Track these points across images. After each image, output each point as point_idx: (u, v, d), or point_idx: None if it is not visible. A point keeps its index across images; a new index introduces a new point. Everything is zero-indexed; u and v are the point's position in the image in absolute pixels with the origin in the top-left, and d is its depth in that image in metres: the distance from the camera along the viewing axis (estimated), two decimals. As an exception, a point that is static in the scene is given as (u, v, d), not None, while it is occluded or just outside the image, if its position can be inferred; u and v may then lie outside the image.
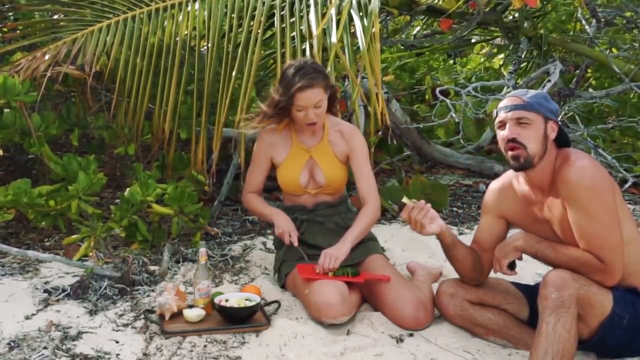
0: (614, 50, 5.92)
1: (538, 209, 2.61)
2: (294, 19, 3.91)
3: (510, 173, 2.73)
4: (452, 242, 2.72)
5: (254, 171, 3.30)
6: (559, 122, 2.56)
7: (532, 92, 2.57)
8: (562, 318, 2.35)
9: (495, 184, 2.78)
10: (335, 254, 2.98)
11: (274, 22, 3.95)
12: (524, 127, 2.49)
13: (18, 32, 4.35)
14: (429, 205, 2.65)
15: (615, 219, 2.43)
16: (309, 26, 3.74)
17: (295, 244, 3.08)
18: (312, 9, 3.78)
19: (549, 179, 2.53)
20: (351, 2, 3.62)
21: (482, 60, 7.40)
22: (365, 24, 3.55)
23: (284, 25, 3.87)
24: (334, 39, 3.50)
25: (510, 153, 2.52)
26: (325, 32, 3.61)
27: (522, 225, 2.74)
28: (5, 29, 4.41)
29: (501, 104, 2.57)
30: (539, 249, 2.55)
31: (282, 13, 3.94)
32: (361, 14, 3.61)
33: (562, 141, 2.58)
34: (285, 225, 3.12)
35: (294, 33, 3.83)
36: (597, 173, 2.45)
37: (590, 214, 2.41)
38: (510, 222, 2.77)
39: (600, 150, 4.50)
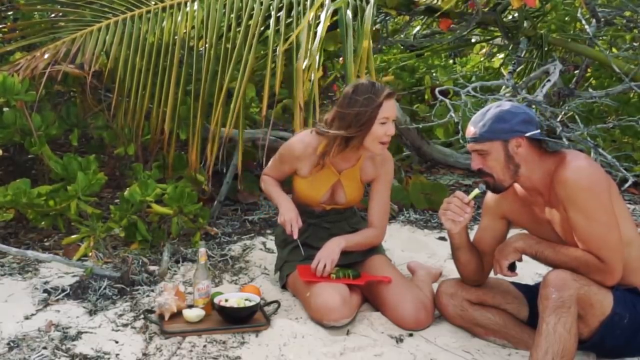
0: (613, 50, 5.92)
1: (539, 209, 2.61)
2: (291, 19, 3.90)
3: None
4: (460, 244, 2.71)
5: (276, 167, 3.18)
6: (528, 134, 2.50)
7: (489, 114, 2.52)
8: (563, 318, 2.35)
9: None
10: (330, 256, 2.96)
11: (272, 22, 3.95)
12: (484, 157, 2.53)
13: (17, 32, 4.35)
14: (470, 210, 2.62)
15: (613, 218, 2.43)
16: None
17: (295, 236, 3.00)
18: (308, 10, 3.78)
19: (546, 181, 2.52)
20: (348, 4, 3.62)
21: (481, 59, 7.40)
22: (361, 27, 3.56)
23: (278, 27, 3.87)
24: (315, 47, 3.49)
25: (483, 180, 2.59)
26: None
27: (523, 226, 2.74)
28: (4, 29, 4.41)
29: (466, 132, 2.59)
30: (539, 249, 2.55)
31: (279, 15, 3.94)
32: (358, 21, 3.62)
33: (546, 144, 2.56)
34: (288, 214, 3.03)
35: (291, 34, 3.83)
36: (593, 173, 2.45)
37: (588, 214, 2.41)
38: (512, 222, 2.77)
39: (600, 150, 4.49)
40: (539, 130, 2.52)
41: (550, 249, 2.53)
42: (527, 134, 2.50)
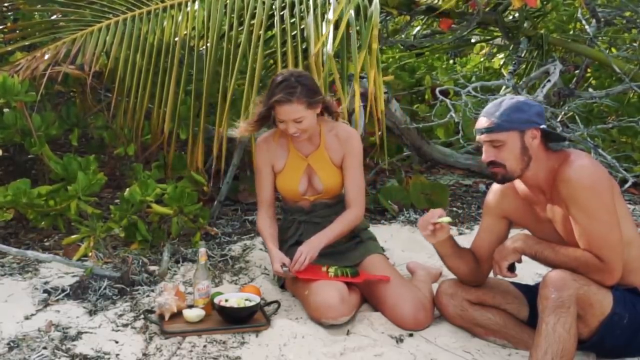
0: (613, 50, 5.92)
1: (540, 208, 2.61)
2: (294, 19, 3.90)
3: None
4: (444, 253, 2.76)
5: (261, 183, 3.23)
6: (542, 126, 2.51)
7: (505, 104, 2.51)
8: (562, 318, 2.35)
9: (497, 185, 2.77)
10: (311, 251, 2.98)
11: (274, 22, 3.94)
12: (499, 149, 2.51)
13: (18, 32, 4.35)
14: (431, 229, 2.64)
15: (614, 218, 2.43)
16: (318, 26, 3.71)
17: (289, 276, 3.05)
18: (311, 10, 3.78)
19: (549, 179, 2.52)
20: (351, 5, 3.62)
21: (482, 59, 7.39)
22: (365, 27, 3.56)
23: (284, 25, 3.87)
24: (329, 48, 3.49)
25: (491, 171, 2.57)
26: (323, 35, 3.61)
27: (524, 225, 2.74)
28: (5, 29, 4.41)
29: (477, 124, 2.57)
30: (539, 250, 2.55)
31: (282, 13, 3.94)
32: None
33: (554, 139, 2.57)
34: (278, 272, 3.06)
35: (295, 32, 3.83)
36: (596, 172, 2.45)
37: (589, 214, 2.41)
38: (513, 222, 2.77)
39: (600, 150, 4.49)
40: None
41: (550, 249, 2.53)
42: (542, 126, 2.50)
